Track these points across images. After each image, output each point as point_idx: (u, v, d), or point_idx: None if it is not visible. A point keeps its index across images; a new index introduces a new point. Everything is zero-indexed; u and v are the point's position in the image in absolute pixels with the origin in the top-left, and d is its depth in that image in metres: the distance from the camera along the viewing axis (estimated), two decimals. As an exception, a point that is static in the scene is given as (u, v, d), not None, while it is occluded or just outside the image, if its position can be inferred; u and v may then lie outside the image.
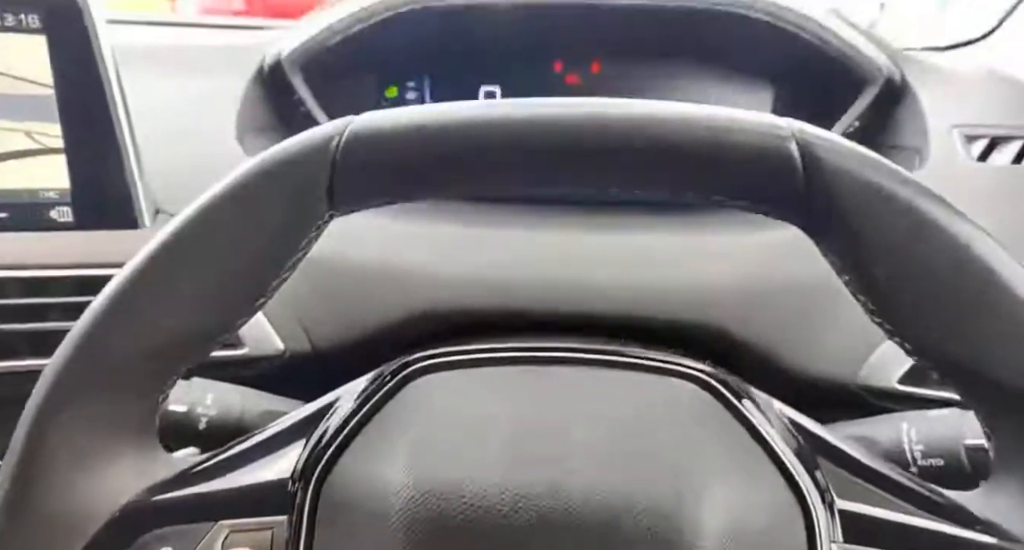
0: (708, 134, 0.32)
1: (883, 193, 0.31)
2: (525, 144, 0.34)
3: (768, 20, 0.76)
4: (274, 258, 0.35)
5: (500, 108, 0.36)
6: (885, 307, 0.32)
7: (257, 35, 0.89)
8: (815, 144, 0.32)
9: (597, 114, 0.34)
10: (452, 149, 0.34)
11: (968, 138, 0.72)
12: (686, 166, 0.33)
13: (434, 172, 0.35)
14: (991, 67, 0.86)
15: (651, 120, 0.34)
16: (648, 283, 0.59)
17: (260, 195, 0.34)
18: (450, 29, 0.83)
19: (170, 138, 0.70)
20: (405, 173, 0.35)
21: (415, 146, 0.34)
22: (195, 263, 0.34)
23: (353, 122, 0.35)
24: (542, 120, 0.34)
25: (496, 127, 0.34)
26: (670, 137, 0.33)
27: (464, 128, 0.34)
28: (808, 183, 0.31)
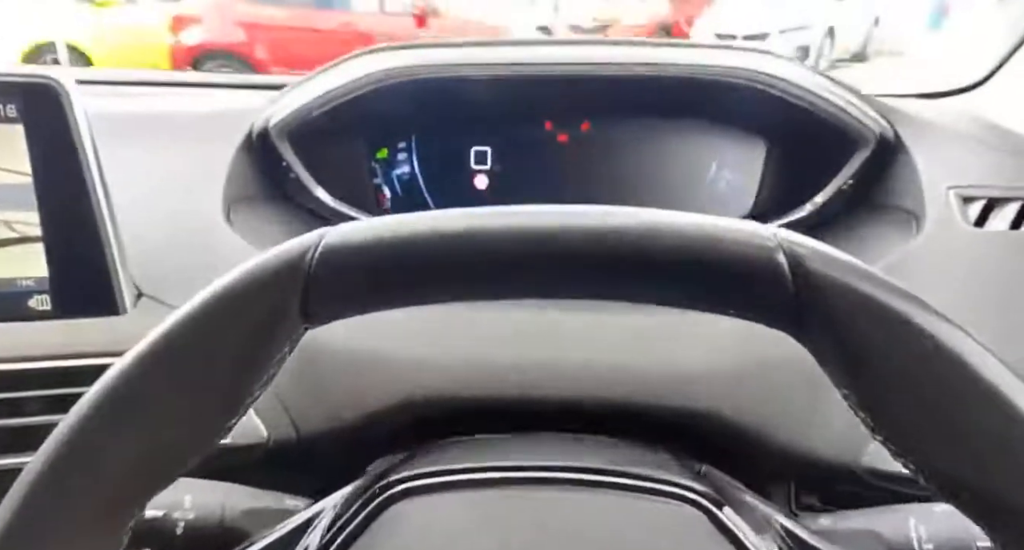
0: (692, 245, 0.31)
1: (876, 307, 0.30)
2: (505, 255, 0.33)
3: (759, 88, 0.75)
4: (246, 378, 0.34)
5: (478, 217, 0.35)
6: (886, 426, 0.30)
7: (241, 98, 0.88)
8: (803, 255, 0.31)
9: (575, 225, 0.34)
10: (432, 260, 0.33)
11: (965, 200, 0.71)
12: (670, 278, 0.33)
13: (412, 283, 0.34)
14: (986, 120, 0.85)
15: (631, 230, 0.33)
16: (638, 368, 0.58)
17: (230, 317, 0.33)
18: (438, 94, 0.82)
19: (153, 214, 0.69)
20: (383, 285, 0.34)
21: (392, 258, 0.33)
22: (163, 387, 0.32)
23: (326, 236, 0.34)
24: (521, 230, 0.33)
25: (475, 237, 0.33)
26: (652, 248, 0.32)
27: (443, 238, 0.33)
28: (798, 295, 0.30)
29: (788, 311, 0.31)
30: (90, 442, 0.32)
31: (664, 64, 0.77)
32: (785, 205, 0.82)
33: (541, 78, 0.80)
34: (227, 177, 0.75)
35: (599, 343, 0.59)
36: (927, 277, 0.64)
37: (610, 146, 0.87)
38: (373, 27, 6.12)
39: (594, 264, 0.33)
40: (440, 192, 0.89)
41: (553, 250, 0.33)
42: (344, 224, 0.36)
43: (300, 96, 0.80)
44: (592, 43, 0.84)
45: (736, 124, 0.84)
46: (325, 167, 0.85)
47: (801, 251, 0.31)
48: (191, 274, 0.65)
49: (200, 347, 0.33)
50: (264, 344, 0.33)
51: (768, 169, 0.84)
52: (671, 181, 0.87)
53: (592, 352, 0.58)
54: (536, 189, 0.88)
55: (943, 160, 0.76)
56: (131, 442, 0.32)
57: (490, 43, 0.87)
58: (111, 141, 0.66)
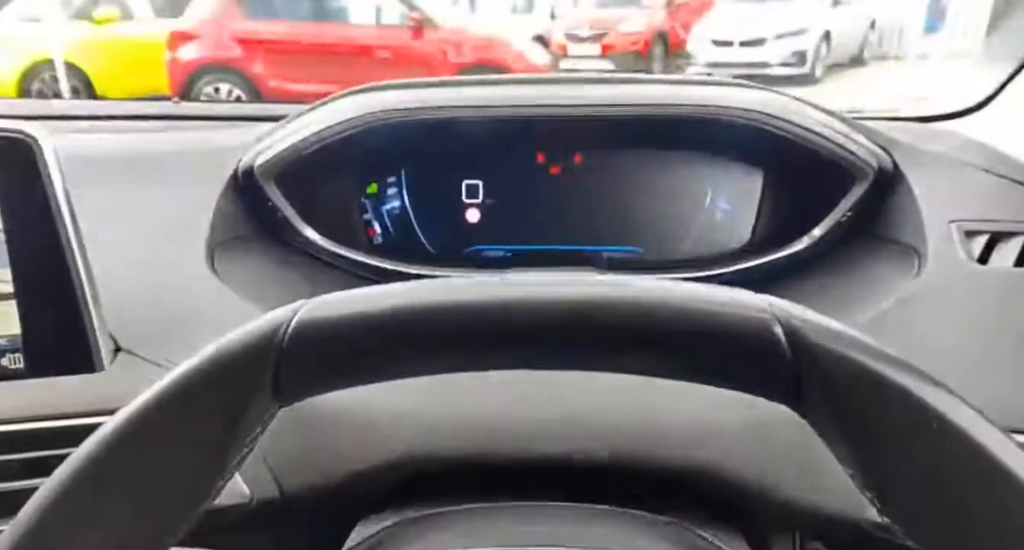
0: (686, 319, 0.31)
1: (877, 382, 0.29)
2: (490, 329, 0.32)
3: (754, 125, 0.74)
4: (217, 460, 0.33)
5: (461, 289, 0.34)
6: (892, 506, 0.30)
7: (225, 135, 0.87)
8: (800, 327, 0.30)
9: (563, 297, 0.33)
10: (415, 334, 0.32)
11: (967, 234, 0.69)
12: (663, 353, 0.32)
13: (391, 358, 0.33)
14: (987, 147, 0.83)
15: (622, 304, 0.32)
16: (636, 422, 0.56)
17: (200, 399, 0.32)
18: (428, 132, 0.81)
19: (132, 262, 0.67)
20: (361, 361, 0.33)
21: (370, 333, 0.33)
22: (133, 467, 0.32)
23: (299, 312, 0.33)
24: (507, 303, 0.33)
25: (460, 310, 0.33)
26: (645, 323, 0.31)
27: (427, 311, 0.33)
28: (797, 369, 0.30)
29: (788, 386, 0.30)
30: (65, 514, 0.31)
31: (657, 104, 0.76)
32: (783, 238, 0.80)
33: (533, 119, 0.79)
34: (212, 220, 0.74)
35: (596, 398, 0.57)
36: (930, 319, 0.62)
37: (603, 178, 0.85)
38: (370, 40, 6.13)
39: (585, 338, 0.32)
40: (431, 226, 0.88)
41: (540, 323, 0.32)
42: (317, 299, 0.35)
43: (287, 136, 0.79)
44: (583, 82, 0.82)
45: (731, 157, 0.82)
46: (313, 205, 0.83)
47: (797, 323, 0.30)
48: (172, 326, 0.63)
49: (170, 429, 0.32)
50: (235, 425, 0.32)
51: (765, 201, 0.82)
52: (666, 213, 0.85)
53: (589, 408, 0.56)
54: (529, 222, 0.87)
55: (944, 191, 0.74)
56: (103, 519, 0.31)
57: (481, 82, 0.85)
58: (89, 184, 0.65)
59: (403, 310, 0.33)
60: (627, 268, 0.82)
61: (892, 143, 0.78)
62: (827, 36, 7.77)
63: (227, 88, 6.01)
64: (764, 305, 0.31)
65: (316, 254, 0.83)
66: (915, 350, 0.59)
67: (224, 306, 0.65)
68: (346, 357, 0.33)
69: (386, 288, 0.34)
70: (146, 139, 0.87)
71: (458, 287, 0.34)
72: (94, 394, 0.56)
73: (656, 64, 8.58)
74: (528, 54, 6.30)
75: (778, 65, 7.59)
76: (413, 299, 0.33)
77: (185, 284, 0.67)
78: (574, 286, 0.34)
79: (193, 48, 6.04)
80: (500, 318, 0.32)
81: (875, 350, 0.30)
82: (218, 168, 0.79)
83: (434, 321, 0.32)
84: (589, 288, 0.33)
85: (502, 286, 0.34)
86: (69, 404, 0.55)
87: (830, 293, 0.73)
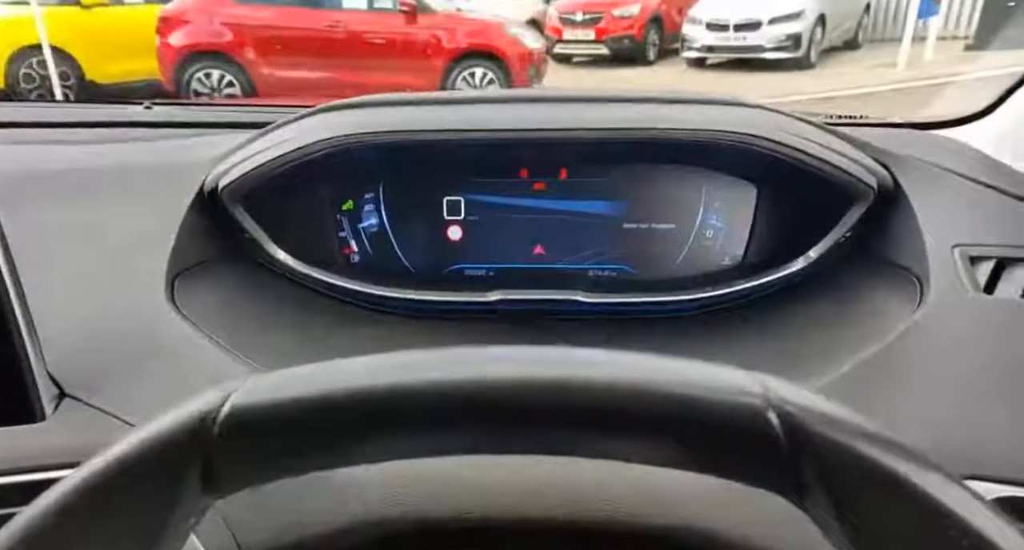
0: (672, 405, 0.28)
1: (881, 474, 0.27)
2: (453, 411, 0.29)
3: (748, 147, 0.70)
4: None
5: (418, 367, 0.31)
6: None
7: (193, 147, 0.82)
8: (796, 414, 0.28)
9: (534, 377, 0.30)
10: (370, 417, 0.29)
11: (972, 260, 0.65)
12: (647, 441, 0.29)
13: (338, 446, 0.30)
14: (989, 160, 0.79)
15: (595, 386, 0.29)
16: (623, 484, 0.52)
17: (123, 492, 0.29)
18: (407, 150, 0.76)
19: (80, 295, 0.63)
20: (302, 450, 0.30)
21: (311, 420, 0.29)
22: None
23: (233, 395, 0.30)
24: (471, 383, 0.30)
25: (414, 392, 0.30)
26: (624, 407, 0.29)
27: (383, 390, 0.30)
28: (794, 461, 0.28)
29: (784, 478, 0.28)
30: None
31: (647, 128, 0.71)
32: (777, 258, 0.76)
33: (517, 141, 0.74)
34: (174, 244, 0.69)
35: None
36: (933, 356, 0.58)
37: (590, 194, 0.81)
38: (363, 26, 6.04)
39: (560, 424, 0.30)
40: (411, 244, 0.83)
41: (511, 407, 0.29)
42: (253, 379, 0.31)
43: (255, 155, 0.74)
44: (568, 101, 0.77)
45: (724, 175, 0.78)
46: (285, 225, 0.79)
47: (793, 410, 0.28)
48: (123, 367, 0.59)
49: (88, 524, 0.28)
50: (160, 522, 0.29)
51: (758, 221, 0.78)
52: (655, 230, 0.81)
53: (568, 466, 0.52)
54: (513, 240, 0.82)
55: (946, 212, 0.70)
56: None
57: (461, 101, 0.79)
58: (31, 203, 0.60)
59: (355, 392, 0.29)
60: (615, 289, 0.78)
61: (892, 159, 0.74)
62: (822, 19, 7.70)
63: (219, 74, 5.92)
64: (757, 388, 0.29)
65: (290, 276, 0.79)
66: (918, 393, 0.56)
67: (182, 343, 0.61)
68: (288, 446, 0.30)
69: (331, 366, 0.31)
70: (105, 152, 0.82)
71: (417, 363, 0.32)
72: (34, 447, 0.52)
73: (651, 48, 8.51)
74: (522, 39, 6.20)
75: (773, 49, 7.53)
76: (363, 379, 0.30)
77: (140, 318, 0.62)
78: (547, 364, 0.31)
79: (183, 33, 5.94)
80: (467, 400, 0.29)
81: (882, 439, 0.28)
82: (183, 185, 0.74)
83: (391, 404, 0.29)
84: (565, 368, 0.30)
85: (468, 362, 0.31)
86: (6, 458, 0.51)
87: (827, 321, 0.69)
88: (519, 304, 0.77)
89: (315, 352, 0.69)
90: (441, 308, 0.78)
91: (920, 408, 0.55)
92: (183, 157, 0.79)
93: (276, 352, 0.66)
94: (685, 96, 0.76)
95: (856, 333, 0.64)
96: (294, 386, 0.30)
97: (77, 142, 0.86)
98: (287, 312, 0.75)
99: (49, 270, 0.62)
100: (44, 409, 0.53)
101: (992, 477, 0.49)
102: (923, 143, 0.81)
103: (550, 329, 0.76)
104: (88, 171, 0.77)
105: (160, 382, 0.57)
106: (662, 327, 0.76)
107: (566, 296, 0.77)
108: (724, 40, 7.77)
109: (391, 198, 0.82)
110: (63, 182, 0.75)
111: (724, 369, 0.30)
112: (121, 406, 0.54)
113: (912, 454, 0.27)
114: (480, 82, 6.05)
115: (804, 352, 0.66)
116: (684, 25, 8.15)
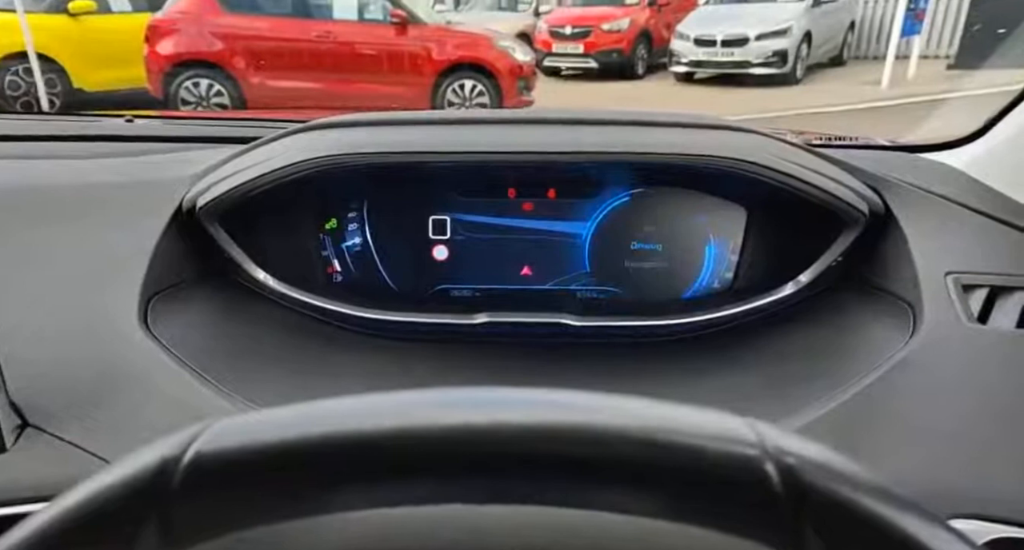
0: (663, 454, 0.27)
1: (886, 530, 0.25)
2: (430, 461, 0.28)
3: (737, 173, 0.68)
4: None
5: (393, 412, 0.29)
6: None
7: (174, 164, 0.79)
8: (797, 466, 0.26)
9: (513, 425, 0.28)
10: (347, 465, 0.27)
11: (965, 288, 0.64)
12: (636, 493, 0.28)
13: (310, 495, 0.28)
14: (981, 185, 0.78)
15: (583, 433, 0.28)
16: (616, 534, 0.50)
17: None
18: (389, 171, 0.74)
19: (46, 319, 0.61)
20: (272, 500, 0.28)
21: (282, 467, 0.27)
22: None
23: (196, 441, 0.28)
24: (452, 430, 0.28)
25: (391, 437, 0.28)
26: (613, 456, 0.27)
27: (354, 438, 0.28)
28: (794, 516, 0.26)
29: (782, 534, 0.27)
30: None
31: (638, 152, 0.70)
32: (767, 283, 0.75)
33: (505, 164, 0.73)
34: (149, 265, 0.67)
35: None
36: (928, 388, 0.57)
37: (579, 214, 0.79)
38: (353, 37, 6.03)
39: (545, 475, 0.28)
40: (396, 264, 0.82)
41: (494, 455, 0.28)
42: (218, 425, 0.29)
43: (235, 174, 0.72)
44: (556, 122, 0.76)
45: (715, 197, 0.77)
46: (265, 243, 0.77)
47: (792, 461, 0.27)
48: (91, 396, 0.56)
49: None
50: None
51: (748, 245, 0.77)
52: (645, 252, 0.80)
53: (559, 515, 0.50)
54: (499, 261, 0.81)
55: (939, 238, 0.69)
56: None
57: (448, 121, 0.78)
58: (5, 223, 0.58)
59: (331, 438, 0.28)
60: (603, 312, 0.77)
61: (884, 184, 0.73)
62: (808, 36, 7.78)
63: (207, 84, 5.88)
64: (752, 436, 0.27)
65: (270, 297, 0.76)
66: (913, 430, 0.55)
67: (154, 371, 0.58)
68: (256, 496, 0.28)
69: (305, 409, 0.29)
70: (80, 167, 0.80)
71: (396, 406, 0.30)
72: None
73: (639, 63, 8.56)
74: (512, 52, 6.21)
75: (759, 64, 7.59)
76: (339, 423, 0.28)
77: (109, 344, 0.60)
78: (533, 409, 0.29)
79: (171, 42, 5.89)
80: (451, 449, 0.28)
81: (884, 492, 0.26)
82: (160, 203, 0.72)
83: (370, 451, 0.28)
84: (550, 413, 0.28)
85: (450, 406, 0.29)
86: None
87: (818, 348, 0.68)
88: (505, 327, 0.75)
89: (296, 379, 0.67)
90: (426, 330, 0.76)
91: (915, 445, 0.53)
92: (162, 174, 0.77)
93: (254, 379, 0.63)
94: (676, 119, 0.74)
95: (848, 363, 0.62)
96: (264, 431, 0.28)
97: (51, 157, 0.84)
98: (267, 335, 0.73)
99: (11, 294, 0.59)
100: (4, 440, 0.50)
101: (992, 517, 0.47)
102: (914, 167, 0.81)
103: (537, 353, 0.74)
104: (60, 188, 0.74)
105: (129, 412, 0.54)
106: (650, 351, 0.74)
107: (554, 319, 0.75)
108: (712, 55, 7.83)
109: (375, 217, 0.80)
110: (31, 200, 0.72)
111: (715, 414, 0.29)
112: (86, 437, 0.52)
113: (917, 508, 0.26)
114: (470, 94, 6.04)
115: (794, 382, 0.64)
116: (672, 40, 8.21)
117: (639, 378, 0.69)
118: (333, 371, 0.70)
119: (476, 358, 0.74)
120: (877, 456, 0.52)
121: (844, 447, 0.52)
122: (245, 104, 5.84)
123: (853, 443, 0.53)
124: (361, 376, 0.70)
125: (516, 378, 0.70)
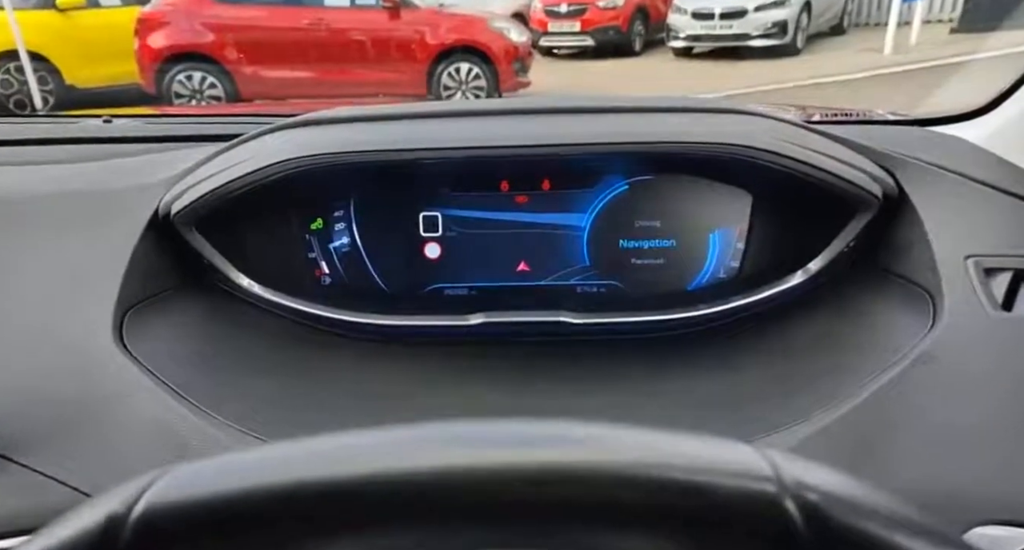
0: (674, 493, 0.25)
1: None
2: (413, 507, 0.25)
3: (743, 159, 0.64)
4: None
5: (367, 456, 0.26)
6: None
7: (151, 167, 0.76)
8: (821, 504, 0.24)
9: (508, 466, 0.26)
10: (316, 515, 0.25)
11: (987, 272, 0.60)
12: (642, 536, 0.25)
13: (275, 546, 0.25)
14: (998, 159, 0.74)
15: (588, 473, 0.25)
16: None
17: None
18: (376, 167, 0.71)
19: (16, 338, 0.57)
20: None
21: (241, 516, 0.25)
22: None
23: (149, 490, 0.25)
24: (444, 472, 0.25)
25: (365, 482, 0.25)
26: (618, 497, 0.25)
27: (324, 486, 0.25)
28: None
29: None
30: None
31: (640, 141, 0.66)
32: (776, 271, 0.71)
33: (495, 158, 0.69)
34: (124, 276, 0.63)
35: None
36: (949, 382, 0.53)
37: (575, 205, 0.76)
38: (346, 23, 5.96)
39: (549, 516, 0.25)
40: (386, 264, 0.78)
41: (490, 499, 0.25)
42: (175, 471, 0.26)
43: (210, 177, 0.68)
44: (554, 112, 0.72)
45: (718, 184, 0.73)
46: (247, 248, 0.73)
47: (813, 497, 0.24)
48: (60, 421, 0.53)
49: None
50: None
51: (755, 230, 0.73)
52: (646, 243, 0.76)
53: None
54: (494, 257, 0.77)
55: (956, 219, 0.65)
56: None
57: (436, 114, 0.74)
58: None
59: (298, 486, 0.25)
60: (604, 307, 0.73)
61: (896, 163, 0.69)
62: (808, 5, 7.66)
63: (200, 76, 5.82)
64: (767, 469, 0.25)
65: (255, 304, 0.73)
66: (938, 431, 0.51)
67: (129, 391, 0.55)
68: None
69: (269, 451, 0.27)
70: (52, 173, 0.76)
71: (372, 446, 0.27)
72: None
73: (637, 39, 8.45)
74: (507, 33, 6.13)
75: (759, 36, 7.49)
76: (307, 469, 0.26)
77: (81, 363, 0.57)
78: (525, 445, 0.26)
79: (162, 35, 5.83)
80: (438, 493, 0.25)
81: (911, 523, 0.24)
82: (135, 210, 0.69)
83: (343, 500, 0.25)
84: (551, 450, 0.26)
85: (436, 443, 0.27)
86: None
87: (831, 342, 0.64)
88: (503, 327, 0.72)
89: (285, 392, 0.64)
90: (420, 333, 0.73)
91: (940, 447, 0.50)
92: (137, 178, 0.73)
93: (241, 394, 0.60)
94: (678, 104, 0.70)
95: (863, 358, 0.59)
96: (223, 480, 0.26)
97: (25, 162, 0.80)
98: (253, 344, 0.70)
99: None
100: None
101: None
102: (926, 142, 0.76)
103: (536, 354, 0.71)
104: (29, 197, 0.71)
105: (103, 437, 0.52)
106: (653, 349, 0.71)
107: (553, 317, 0.72)
108: (710, 29, 7.72)
109: (363, 215, 0.77)
110: (9, 210, 0.69)
111: (729, 446, 0.26)
112: (58, 466, 0.49)
113: (946, 538, 0.24)
114: (466, 78, 5.98)
115: (806, 379, 0.61)
116: (670, 14, 8.10)
117: (642, 379, 0.66)
118: (324, 380, 0.67)
119: (473, 361, 0.71)
120: (898, 461, 0.49)
121: (861, 452, 0.49)
122: (239, 96, 5.79)
123: (871, 448, 0.50)
124: (354, 385, 0.67)
125: (514, 382, 0.67)
